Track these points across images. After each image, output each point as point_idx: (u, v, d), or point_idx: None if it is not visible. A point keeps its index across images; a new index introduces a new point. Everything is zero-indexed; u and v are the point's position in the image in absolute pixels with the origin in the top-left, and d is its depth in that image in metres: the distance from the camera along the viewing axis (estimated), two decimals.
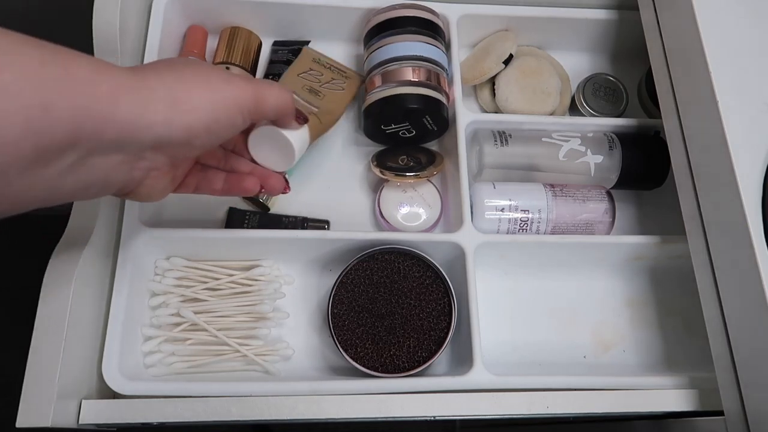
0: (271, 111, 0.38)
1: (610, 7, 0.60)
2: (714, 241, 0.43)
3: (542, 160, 0.54)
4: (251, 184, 0.44)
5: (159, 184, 0.37)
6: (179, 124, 0.33)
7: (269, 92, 0.37)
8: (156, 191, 0.37)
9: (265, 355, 0.49)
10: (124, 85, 0.31)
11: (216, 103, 0.34)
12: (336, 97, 0.55)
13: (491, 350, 0.51)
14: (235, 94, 0.35)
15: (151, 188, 0.36)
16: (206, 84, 0.35)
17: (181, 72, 0.34)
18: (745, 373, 0.40)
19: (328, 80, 0.55)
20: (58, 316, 0.41)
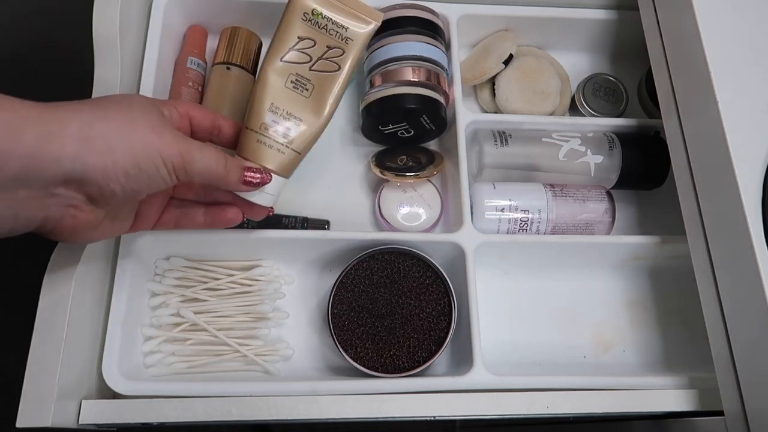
0: (197, 176, 0.37)
1: (610, 7, 0.60)
2: (714, 241, 0.43)
3: (542, 160, 0.54)
4: (233, 214, 0.44)
5: (81, 223, 0.35)
6: (91, 163, 0.32)
7: (199, 155, 0.37)
8: (82, 231, 0.36)
9: (265, 355, 0.49)
10: (29, 118, 0.30)
11: (136, 150, 0.34)
12: (328, 85, 0.42)
13: (491, 350, 0.51)
14: (159, 145, 0.34)
15: (72, 227, 0.35)
16: (129, 127, 0.34)
17: (106, 110, 0.33)
18: (745, 373, 0.40)
19: (322, 51, 0.42)
20: (58, 316, 0.41)
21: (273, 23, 0.59)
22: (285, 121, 0.41)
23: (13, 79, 0.64)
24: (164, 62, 0.55)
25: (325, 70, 0.42)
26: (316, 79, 0.42)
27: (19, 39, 0.74)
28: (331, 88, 0.42)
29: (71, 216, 0.35)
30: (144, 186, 0.35)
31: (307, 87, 0.42)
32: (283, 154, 0.42)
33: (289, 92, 0.42)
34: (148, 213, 0.42)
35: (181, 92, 0.55)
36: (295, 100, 0.42)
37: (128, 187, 0.34)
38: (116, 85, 0.49)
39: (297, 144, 0.42)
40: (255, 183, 0.40)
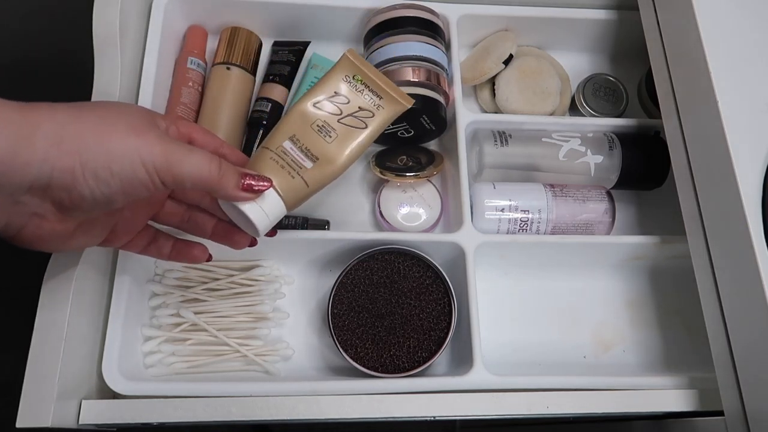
0: (187, 180, 0.34)
1: (610, 7, 0.60)
2: (714, 241, 0.43)
3: (542, 160, 0.54)
4: (198, 252, 0.42)
5: (47, 233, 0.33)
6: (59, 166, 0.30)
7: (187, 158, 0.34)
8: (48, 241, 0.34)
9: (265, 356, 0.49)
10: (5, 120, 0.29)
11: (109, 151, 0.31)
12: (351, 139, 0.43)
13: (491, 350, 0.51)
14: (139, 146, 0.32)
15: (36, 237, 0.33)
16: (106, 128, 0.32)
17: (83, 111, 0.32)
18: (745, 373, 0.40)
19: (354, 110, 0.44)
20: (58, 317, 0.41)
21: (273, 23, 0.59)
22: (302, 154, 0.42)
23: (13, 80, 0.64)
24: (164, 62, 0.55)
25: (352, 125, 0.43)
26: (341, 130, 0.43)
27: (19, 39, 0.74)
28: (354, 141, 0.43)
29: (35, 225, 0.33)
30: (118, 191, 0.32)
31: (331, 135, 0.43)
32: (293, 179, 0.41)
33: (313, 133, 0.43)
34: (124, 229, 0.39)
35: (181, 92, 0.55)
36: (316, 141, 0.42)
37: (98, 192, 0.32)
38: (116, 85, 0.49)
39: (308, 177, 0.41)
40: (255, 189, 0.37)
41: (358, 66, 0.44)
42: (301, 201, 0.42)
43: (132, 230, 0.40)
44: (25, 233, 0.33)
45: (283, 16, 0.59)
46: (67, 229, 0.34)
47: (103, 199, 0.32)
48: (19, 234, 0.33)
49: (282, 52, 0.60)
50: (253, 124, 0.57)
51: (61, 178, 0.30)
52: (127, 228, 0.40)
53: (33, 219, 0.32)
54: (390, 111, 0.44)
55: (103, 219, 0.37)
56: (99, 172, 0.31)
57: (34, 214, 0.32)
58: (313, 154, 0.42)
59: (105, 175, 0.31)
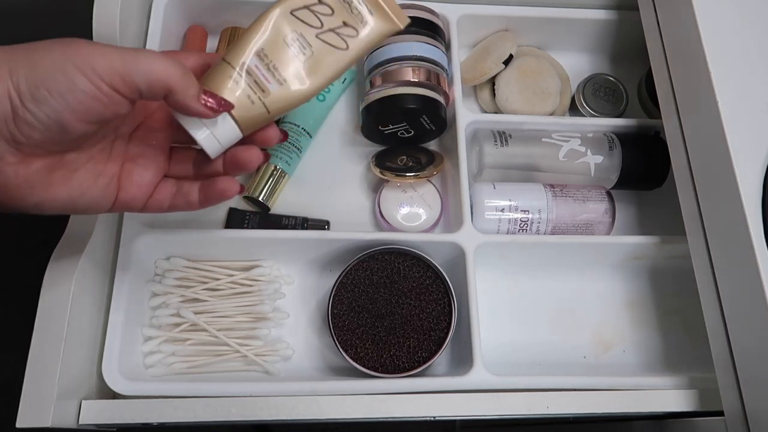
0: (142, 80, 0.31)
1: (610, 7, 0.60)
2: (714, 241, 0.43)
3: (542, 161, 0.54)
4: (225, 183, 0.37)
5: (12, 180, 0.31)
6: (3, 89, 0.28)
7: (141, 56, 0.31)
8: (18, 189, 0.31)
9: (265, 356, 0.49)
10: None
11: (41, 66, 0.29)
12: (328, 59, 0.37)
13: (491, 350, 0.51)
14: (72, 54, 0.29)
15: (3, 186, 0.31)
16: (36, 48, 0.29)
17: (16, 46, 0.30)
18: (745, 373, 0.40)
19: (336, 25, 0.37)
20: (58, 316, 0.41)
21: None
22: (268, 73, 0.36)
23: None
24: None
25: (331, 43, 0.37)
26: (317, 48, 0.37)
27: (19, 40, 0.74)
28: (330, 64, 0.37)
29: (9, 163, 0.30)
30: (65, 109, 0.29)
31: (305, 51, 0.37)
32: (252, 104, 0.36)
33: (284, 48, 0.37)
34: (131, 182, 0.36)
35: None
36: (286, 58, 0.37)
37: (43, 115, 0.29)
38: None
39: (270, 102, 0.36)
40: (213, 109, 0.34)
41: None
42: (259, 127, 0.37)
43: (142, 182, 0.36)
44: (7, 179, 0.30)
45: None
46: (36, 173, 0.31)
47: (53, 123, 0.29)
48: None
49: None
50: None
51: (0, 106, 0.28)
52: (136, 180, 0.36)
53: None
54: (379, 30, 0.38)
55: (89, 164, 0.34)
56: (34, 92, 0.29)
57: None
58: (281, 74, 0.36)
59: (41, 93, 0.29)
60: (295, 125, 0.56)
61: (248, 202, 0.55)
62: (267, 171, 0.54)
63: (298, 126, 0.56)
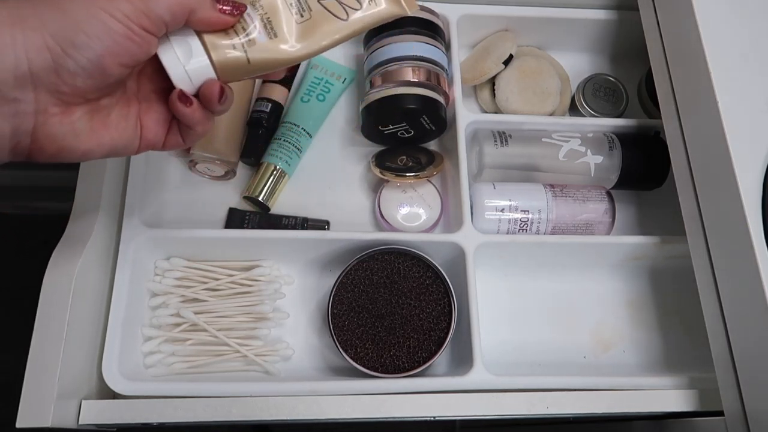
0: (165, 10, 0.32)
1: (610, 7, 0.60)
2: (714, 241, 0.43)
3: (542, 161, 0.54)
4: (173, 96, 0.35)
5: (57, 129, 0.31)
6: (31, 46, 0.29)
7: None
8: (64, 138, 0.32)
9: (265, 356, 0.49)
10: None
11: (74, 15, 0.29)
12: (325, 26, 0.36)
13: (491, 350, 0.51)
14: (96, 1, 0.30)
15: (50, 137, 0.31)
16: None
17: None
18: (745, 373, 0.40)
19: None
20: (58, 316, 0.41)
21: None
22: (260, 23, 0.35)
23: None
24: None
25: (331, 10, 0.36)
26: (317, 13, 0.36)
27: None
28: (326, 31, 0.36)
29: (42, 123, 0.31)
30: (103, 52, 0.30)
31: (303, 13, 0.35)
32: (234, 50, 0.35)
33: (282, 4, 0.35)
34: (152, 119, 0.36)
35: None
36: (282, 16, 0.35)
37: (84, 60, 0.30)
38: None
39: (254, 53, 0.35)
40: (227, 12, 0.34)
41: None
42: (237, 78, 0.36)
43: (160, 119, 0.36)
44: (39, 136, 0.31)
45: None
46: (79, 121, 0.32)
47: (94, 67, 0.30)
48: (34, 140, 0.31)
49: None
50: (253, 124, 0.57)
51: (40, 58, 0.29)
52: (154, 117, 0.36)
53: (38, 117, 0.31)
54: (384, 11, 0.37)
55: (118, 106, 0.35)
56: (74, 38, 0.29)
57: (37, 112, 0.31)
58: (273, 28, 0.35)
59: (81, 38, 0.30)
60: (295, 125, 0.56)
61: (248, 202, 0.55)
62: (267, 171, 0.54)
63: (298, 126, 0.56)
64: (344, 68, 0.61)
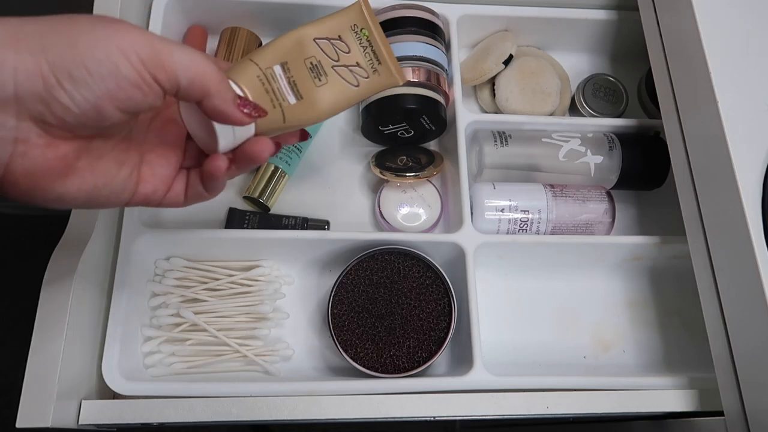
0: (183, 75, 0.29)
1: (610, 8, 0.60)
2: (714, 241, 0.43)
3: (542, 161, 0.54)
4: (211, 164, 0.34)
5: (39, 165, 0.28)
6: (22, 68, 0.25)
7: (178, 49, 0.29)
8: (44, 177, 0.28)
9: (265, 356, 0.49)
10: None
11: (82, 45, 0.26)
12: (339, 90, 0.39)
13: (491, 350, 0.51)
14: (113, 34, 0.27)
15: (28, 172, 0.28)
16: (70, 21, 0.27)
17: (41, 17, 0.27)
18: (745, 373, 0.40)
19: (351, 63, 0.40)
20: (58, 316, 0.41)
21: (273, 23, 0.59)
22: (288, 86, 0.37)
23: None
24: None
25: (344, 77, 0.39)
26: (333, 79, 0.39)
27: None
28: (340, 96, 0.39)
29: (21, 155, 0.27)
30: (104, 94, 0.27)
31: (321, 79, 0.38)
32: (274, 109, 0.36)
33: (304, 69, 0.38)
34: (153, 173, 0.34)
35: None
36: (306, 79, 0.38)
37: (80, 97, 0.27)
38: None
39: (288, 112, 0.37)
40: (250, 115, 0.33)
41: (368, 21, 0.40)
42: (272, 134, 0.37)
43: (164, 174, 0.34)
44: (14, 168, 0.27)
45: (283, 16, 0.59)
46: (62, 159, 0.29)
47: (90, 107, 0.27)
48: (8, 172, 0.28)
49: None
50: None
51: (30, 83, 0.26)
52: (159, 172, 0.34)
53: (17, 146, 0.27)
54: (384, 81, 0.41)
55: (114, 152, 0.32)
56: (73, 71, 0.26)
57: (17, 140, 0.27)
58: (299, 91, 0.37)
59: (81, 74, 0.26)
60: None
61: (248, 202, 0.55)
62: (267, 171, 0.54)
63: None
64: None
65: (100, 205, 0.32)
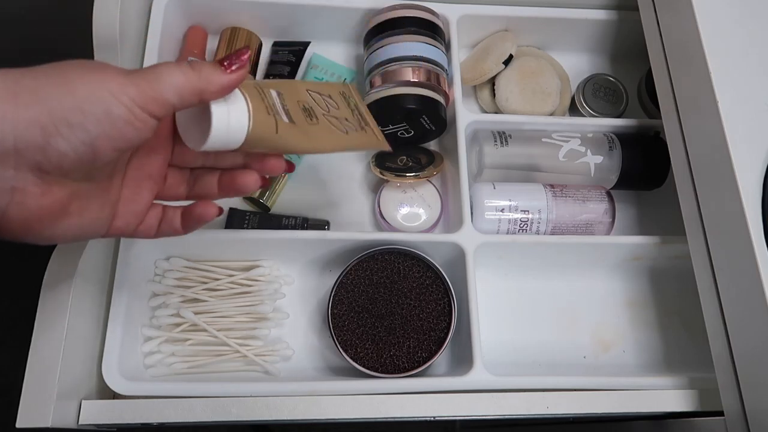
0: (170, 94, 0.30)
1: (610, 7, 0.60)
2: (714, 241, 0.43)
3: (542, 161, 0.54)
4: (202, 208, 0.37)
5: (35, 212, 0.29)
6: (21, 118, 0.27)
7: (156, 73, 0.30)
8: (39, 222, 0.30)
9: (265, 356, 0.49)
10: None
11: (77, 92, 0.28)
12: (330, 133, 0.40)
13: (491, 350, 0.51)
14: (103, 79, 0.29)
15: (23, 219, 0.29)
16: (64, 73, 0.29)
17: (36, 67, 0.29)
18: (745, 373, 0.40)
19: (340, 117, 0.41)
20: (58, 316, 0.41)
21: (273, 23, 0.60)
22: (282, 110, 0.37)
23: None
24: None
25: (334, 125, 0.40)
26: (323, 123, 0.40)
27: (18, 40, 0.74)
28: (330, 138, 0.40)
29: (18, 204, 0.29)
30: (99, 135, 0.29)
31: (312, 120, 0.39)
32: (268, 116, 0.36)
33: (298, 108, 0.39)
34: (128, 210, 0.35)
35: None
36: (298, 113, 0.38)
37: (77, 141, 0.28)
38: None
39: (282, 127, 0.36)
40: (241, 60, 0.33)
41: (355, 95, 0.44)
42: (262, 143, 0.36)
43: (137, 210, 0.36)
44: (11, 215, 0.29)
45: (283, 16, 0.59)
46: (56, 204, 0.30)
47: (86, 149, 0.29)
48: (5, 219, 0.29)
49: (282, 52, 0.60)
50: None
51: (28, 135, 0.27)
52: (132, 207, 0.35)
53: (14, 195, 0.29)
54: (372, 140, 0.43)
55: (98, 192, 0.33)
56: (70, 118, 0.28)
57: (14, 189, 0.28)
58: (291, 117, 0.37)
59: (78, 119, 0.28)
60: None
61: (248, 202, 0.55)
62: None
63: None
64: (344, 68, 0.61)
65: (80, 240, 0.34)
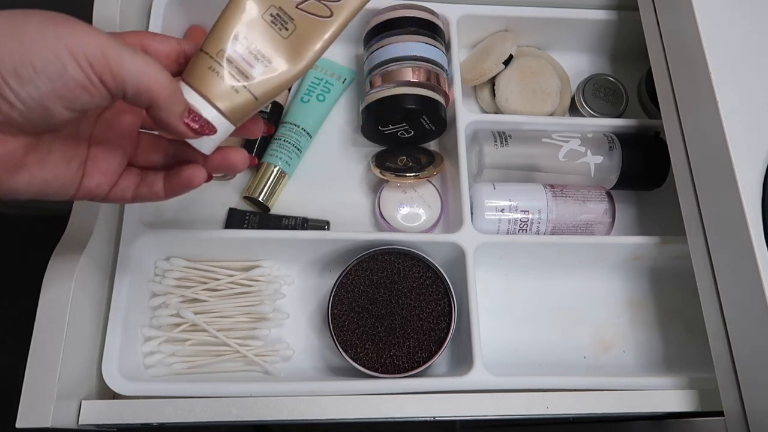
0: (130, 83, 0.29)
1: (610, 8, 0.60)
2: (714, 241, 0.43)
3: (542, 161, 0.54)
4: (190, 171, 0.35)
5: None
6: None
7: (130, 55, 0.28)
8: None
9: (265, 356, 0.49)
10: None
11: (29, 43, 0.26)
12: (314, 27, 0.34)
13: (491, 350, 0.51)
14: (63, 35, 0.27)
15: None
16: (20, 20, 0.27)
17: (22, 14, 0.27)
18: (745, 373, 0.40)
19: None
20: (58, 316, 0.41)
21: None
22: (250, 57, 0.34)
23: None
24: None
25: (314, 12, 0.35)
26: (300, 21, 0.34)
27: None
28: (316, 35, 0.35)
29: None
30: (50, 93, 0.27)
31: (287, 26, 0.34)
32: (237, 94, 0.33)
33: (264, 25, 0.34)
34: (98, 168, 0.34)
35: None
36: (268, 37, 0.34)
37: (26, 95, 0.27)
38: None
39: (257, 87, 0.34)
40: (196, 131, 0.32)
41: None
42: (250, 114, 0.35)
43: (108, 169, 0.34)
44: None
45: None
46: (10, 155, 0.29)
47: (36, 105, 0.27)
48: None
49: None
50: None
51: None
52: (102, 167, 0.34)
53: None
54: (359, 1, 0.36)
55: (61, 147, 0.32)
56: (20, 70, 0.26)
57: None
58: (264, 55, 0.34)
59: (27, 72, 0.26)
60: (295, 125, 0.56)
61: (248, 202, 0.55)
62: (267, 171, 0.54)
63: (298, 126, 0.56)
64: (344, 68, 0.61)
65: (49, 197, 0.32)
